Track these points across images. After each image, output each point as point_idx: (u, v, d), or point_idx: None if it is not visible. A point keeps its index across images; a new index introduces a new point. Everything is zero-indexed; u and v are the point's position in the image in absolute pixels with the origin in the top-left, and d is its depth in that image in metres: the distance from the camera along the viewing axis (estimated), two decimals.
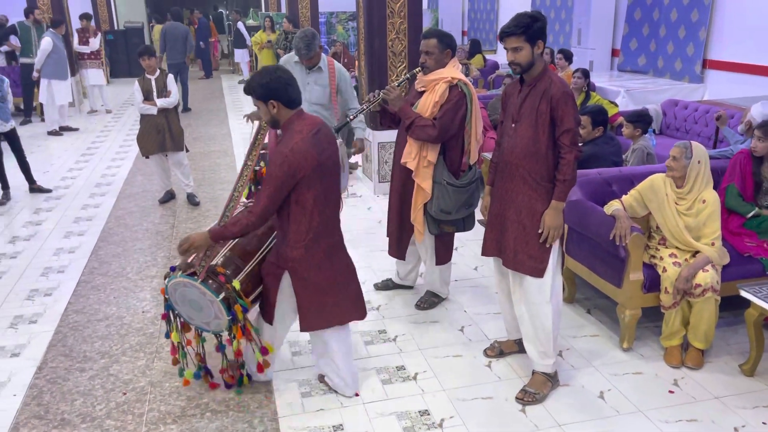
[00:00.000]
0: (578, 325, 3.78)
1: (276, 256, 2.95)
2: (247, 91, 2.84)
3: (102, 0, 15.45)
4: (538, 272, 2.97)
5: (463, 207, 3.64)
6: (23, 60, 9.58)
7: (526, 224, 2.95)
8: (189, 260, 2.94)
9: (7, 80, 6.23)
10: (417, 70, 3.66)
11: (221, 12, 20.07)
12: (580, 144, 2.97)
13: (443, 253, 3.86)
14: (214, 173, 7.16)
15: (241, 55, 14.81)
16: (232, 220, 2.85)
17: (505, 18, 12.19)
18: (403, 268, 4.16)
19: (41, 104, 9.58)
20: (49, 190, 6.52)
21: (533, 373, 3.16)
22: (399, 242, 3.90)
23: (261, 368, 3.07)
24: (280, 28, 12.32)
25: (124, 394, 3.19)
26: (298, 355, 3.51)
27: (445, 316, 3.92)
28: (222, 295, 2.83)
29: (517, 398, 3.07)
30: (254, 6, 19.80)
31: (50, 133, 9.17)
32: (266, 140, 3.28)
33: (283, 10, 14.78)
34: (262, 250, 3.06)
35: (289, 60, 4.53)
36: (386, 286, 4.26)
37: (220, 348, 3.11)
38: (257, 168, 4.20)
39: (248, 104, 11.24)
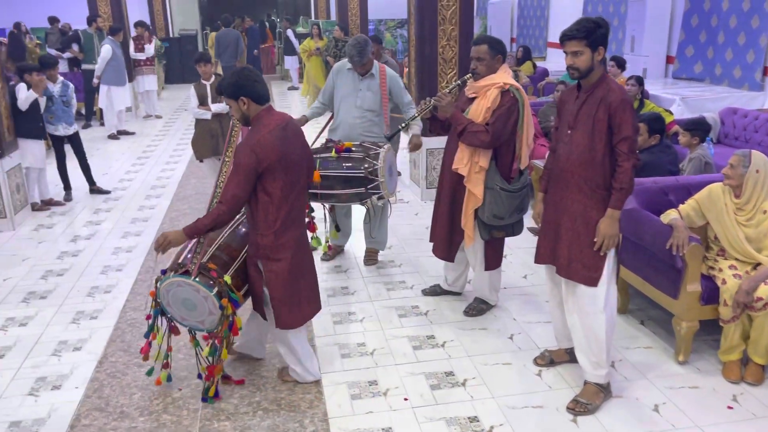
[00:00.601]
0: (631, 336, 3.70)
1: (252, 246, 3.08)
2: (219, 91, 2.99)
3: (159, 8, 15.95)
4: (592, 281, 2.94)
5: (515, 212, 3.63)
6: (85, 66, 9.96)
7: (581, 232, 2.92)
8: (179, 260, 3.05)
9: (72, 86, 6.50)
10: (468, 76, 3.67)
11: (273, 19, 20.45)
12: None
13: (493, 259, 3.84)
14: None
15: (290, 62, 15.05)
16: (202, 218, 2.98)
17: (555, 25, 12.09)
18: (451, 274, 4.16)
19: (101, 109, 9.95)
20: (107, 192, 6.76)
21: (585, 383, 3.11)
22: (448, 246, 3.89)
23: (212, 372, 3.13)
24: (328, 36, 12.50)
25: (180, 389, 3.28)
26: (347, 358, 3.55)
27: (493, 323, 3.90)
28: (215, 290, 2.95)
29: (568, 408, 3.03)
30: (304, 14, 20.12)
31: (109, 137, 9.51)
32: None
33: (333, 17, 14.99)
34: (246, 247, 3.18)
35: (342, 67, 4.58)
36: (434, 291, 4.27)
37: (195, 344, 3.20)
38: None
39: (297, 110, 11.43)
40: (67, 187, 6.58)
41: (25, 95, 5.78)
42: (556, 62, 11.16)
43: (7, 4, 14.43)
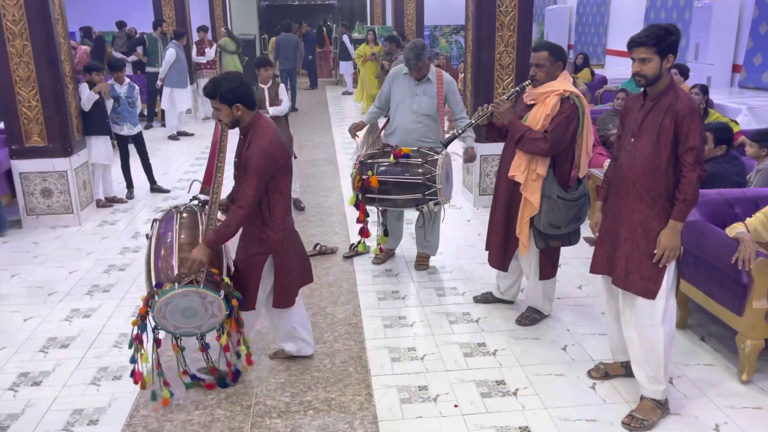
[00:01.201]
0: (691, 352, 3.58)
1: (258, 243, 3.16)
2: (212, 94, 3.01)
3: (219, 13, 16.35)
4: (651, 294, 2.86)
5: (573, 221, 3.58)
6: (149, 69, 10.30)
7: (641, 243, 2.85)
8: (174, 272, 3.01)
9: (137, 87, 6.74)
10: (527, 83, 3.63)
11: (329, 25, 20.74)
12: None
13: (548, 268, 3.79)
14: (318, 180, 7.39)
15: (345, 67, 15.21)
16: (223, 224, 3.06)
17: (614, 32, 11.85)
18: (504, 282, 4.11)
19: (162, 110, 10.28)
20: (167, 191, 6.98)
21: (641, 398, 3.03)
22: (503, 254, 3.86)
23: (250, 360, 3.30)
24: (383, 42, 12.57)
25: (233, 386, 3.34)
26: (396, 362, 3.56)
27: (546, 333, 3.84)
28: (222, 293, 3.01)
29: (623, 423, 2.96)
30: (360, 20, 20.30)
31: (170, 137, 9.81)
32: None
33: (388, 23, 15.08)
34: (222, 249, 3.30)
35: (399, 72, 4.60)
36: (486, 299, 4.23)
37: (205, 347, 3.24)
38: (364, 177, 4.31)
39: (351, 114, 11.55)
40: (130, 185, 6.82)
41: (86, 96, 6.04)
42: (615, 70, 10.93)
43: (78, 8, 15.08)
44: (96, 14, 14.83)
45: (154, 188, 6.97)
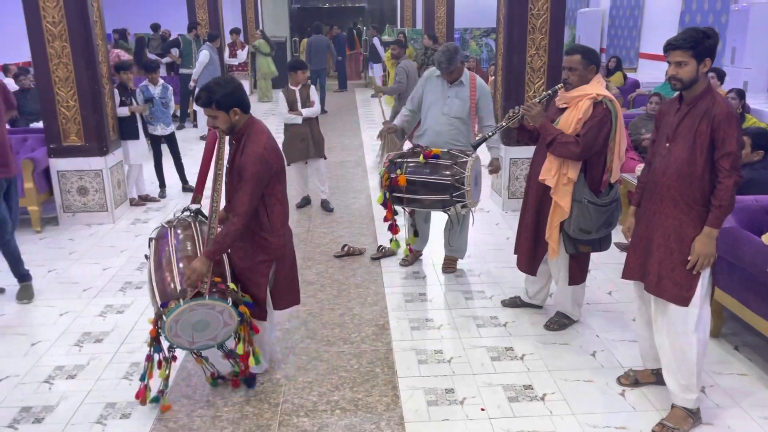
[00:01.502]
0: (724, 361, 3.52)
1: (261, 250, 3.14)
2: (207, 102, 2.95)
3: (251, 16, 16.56)
4: (684, 301, 2.82)
5: (603, 226, 3.54)
6: (183, 71, 10.47)
7: (674, 249, 2.81)
8: (175, 288, 2.93)
9: (171, 88, 6.86)
10: (559, 86, 3.61)
11: (359, 27, 20.84)
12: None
13: (577, 274, 3.76)
14: (347, 182, 7.43)
15: (375, 70, 15.25)
16: (220, 236, 2.98)
17: (648, 35, 11.68)
18: (532, 287, 4.09)
19: (195, 111, 10.44)
20: None
21: (673, 406, 2.98)
22: (532, 259, 3.83)
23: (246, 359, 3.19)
24: (413, 44, 12.59)
25: (261, 383, 3.38)
26: (423, 364, 3.56)
27: (575, 338, 3.80)
28: (230, 301, 2.95)
29: (653, 431, 2.92)
30: (390, 22, 20.35)
31: (201, 138, 9.94)
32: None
33: (419, 26, 15.09)
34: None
35: (431, 75, 4.60)
36: (514, 303, 4.21)
37: (230, 354, 3.20)
38: (393, 176, 4.32)
39: (380, 117, 11.55)
40: (162, 184, 6.94)
41: (118, 110, 6.20)
42: (648, 74, 10.77)
43: (113, 10, 15.42)
44: (130, 16, 15.15)
45: (186, 187, 7.07)
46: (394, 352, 3.68)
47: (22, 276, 4.46)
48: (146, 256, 3.23)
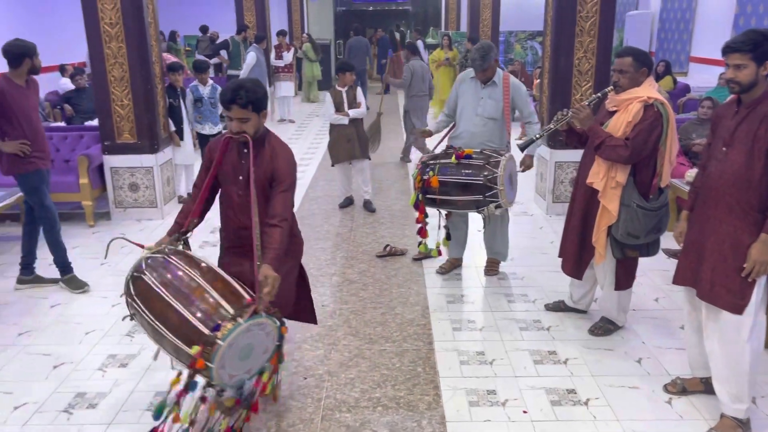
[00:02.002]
0: None
1: (290, 256, 3.02)
2: (246, 103, 2.72)
3: (297, 19, 16.81)
4: (737, 308, 2.75)
5: (652, 231, 3.48)
6: (230, 72, 10.70)
7: (728, 255, 2.75)
8: (229, 308, 2.55)
9: (219, 88, 7.01)
10: (609, 89, 3.57)
11: (402, 30, 20.92)
12: None
13: (624, 279, 3.70)
14: (390, 183, 7.47)
15: None
16: (276, 242, 2.74)
17: (700, 38, 11.39)
18: (577, 292, 4.05)
19: None
20: None
21: (722, 416, 2.92)
22: (577, 263, 3.80)
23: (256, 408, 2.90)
24: (458, 47, 12.57)
25: (305, 378, 3.44)
26: (465, 365, 3.56)
27: (620, 344, 3.75)
28: (277, 321, 2.67)
29: None
30: (434, 25, 20.36)
31: None
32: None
33: (463, 28, 15.06)
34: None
35: (465, 76, 4.60)
36: (557, 307, 4.17)
37: (244, 401, 2.84)
38: (425, 177, 4.32)
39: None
40: None
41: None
42: (699, 78, 10.52)
43: (163, 13, 15.84)
44: (180, 18, 15.51)
45: None
46: (436, 352, 3.69)
47: (67, 267, 4.61)
48: (130, 317, 2.82)
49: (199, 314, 2.53)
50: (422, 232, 4.71)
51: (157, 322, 2.60)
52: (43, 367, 3.57)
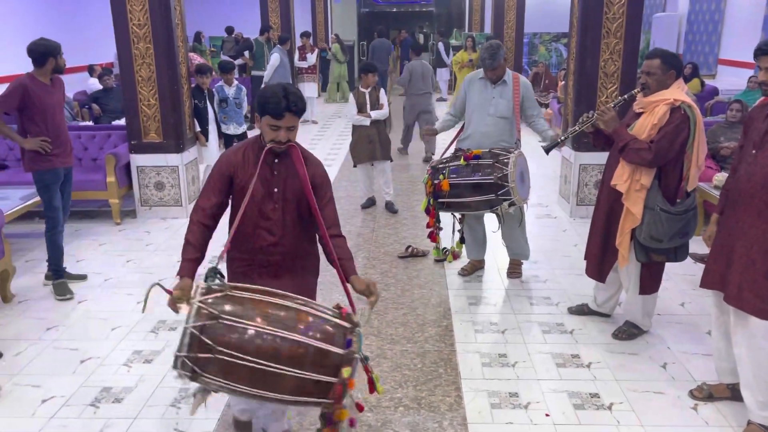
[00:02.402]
0: None
1: (313, 272, 2.84)
2: (299, 111, 2.49)
3: (321, 20, 16.88)
4: (765, 314, 2.71)
5: (677, 236, 3.42)
6: (255, 73, 10.78)
7: (757, 260, 2.70)
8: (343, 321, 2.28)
9: (244, 89, 7.09)
10: (636, 91, 3.54)
11: (425, 32, 20.92)
12: None
13: (649, 283, 3.65)
14: (411, 185, 7.47)
15: (440, 74, 15.26)
16: (349, 252, 2.64)
17: (729, 40, 11.21)
18: (601, 295, 4.00)
19: None
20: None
21: (749, 423, 2.87)
22: (601, 265, 3.76)
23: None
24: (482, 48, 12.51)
25: None
26: (487, 367, 3.55)
27: (645, 349, 3.70)
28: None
29: None
30: (457, 26, 20.31)
31: None
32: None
33: (487, 30, 15.00)
34: None
35: (474, 77, 4.59)
36: (581, 311, 4.14)
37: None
38: (436, 182, 4.30)
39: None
40: None
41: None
42: (728, 80, 10.35)
43: (190, 14, 16.04)
44: (205, 19, 15.71)
45: None
46: (458, 354, 3.68)
47: (59, 272, 4.56)
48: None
49: (320, 335, 2.19)
50: (432, 237, 4.67)
51: (269, 364, 2.14)
52: (71, 361, 3.63)
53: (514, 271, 4.78)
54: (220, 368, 2.16)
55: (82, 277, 4.75)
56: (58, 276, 4.56)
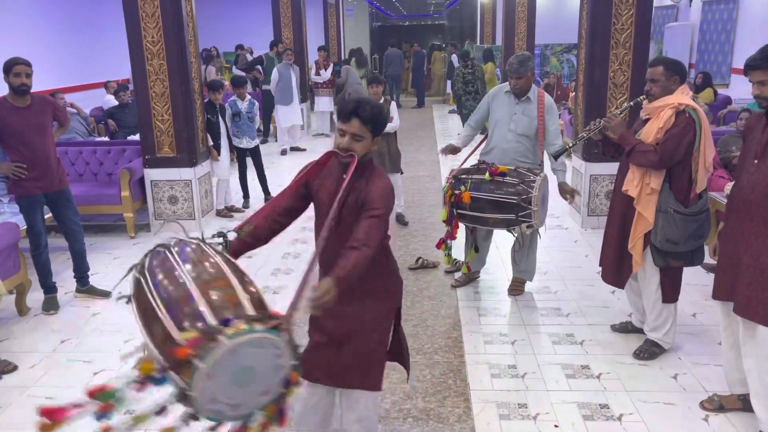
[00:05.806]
0: None
1: (385, 296, 2.63)
2: (371, 118, 2.42)
3: (333, 35, 17.04)
4: None
5: (692, 238, 3.39)
6: (266, 87, 10.88)
7: (764, 270, 2.69)
8: (249, 309, 1.89)
9: (257, 103, 7.18)
10: (641, 97, 3.57)
11: (437, 44, 21.03)
12: None
13: (671, 291, 3.59)
14: (422, 196, 7.50)
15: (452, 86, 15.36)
16: (351, 263, 2.31)
17: (742, 49, 11.16)
18: (641, 313, 3.88)
19: (275, 127, 10.82)
20: None
21: None
22: (617, 271, 3.72)
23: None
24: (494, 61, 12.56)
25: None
26: (496, 378, 3.54)
27: (655, 359, 3.68)
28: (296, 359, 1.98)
29: None
30: (469, 38, 20.39)
31: (282, 152, 10.28)
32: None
33: (498, 42, 15.05)
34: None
35: (500, 90, 4.55)
36: (624, 328, 4.02)
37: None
38: (457, 192, 4.29)
39: (455, 131, 11.59)
40: (246, 195, 7.24)
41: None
42: (741, 90, 10.29)
43: (203, 30, 16.28)
44: (219, 35, 15.91)
45: (268, 199, 7.34)
46: (467, 365, 3.68)
47: (49, 288, 4.62)
48: (128, 298, 2.22)
49: (215, 297, 1.90)
50: (439, 244, 4.64)
51: (156, 297, 1.97)
52: (84, 373, 3.68)
53: (517, 288, 4.71)
54: (141, 288, 2.11)
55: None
56: (48, 291, 4.62)
